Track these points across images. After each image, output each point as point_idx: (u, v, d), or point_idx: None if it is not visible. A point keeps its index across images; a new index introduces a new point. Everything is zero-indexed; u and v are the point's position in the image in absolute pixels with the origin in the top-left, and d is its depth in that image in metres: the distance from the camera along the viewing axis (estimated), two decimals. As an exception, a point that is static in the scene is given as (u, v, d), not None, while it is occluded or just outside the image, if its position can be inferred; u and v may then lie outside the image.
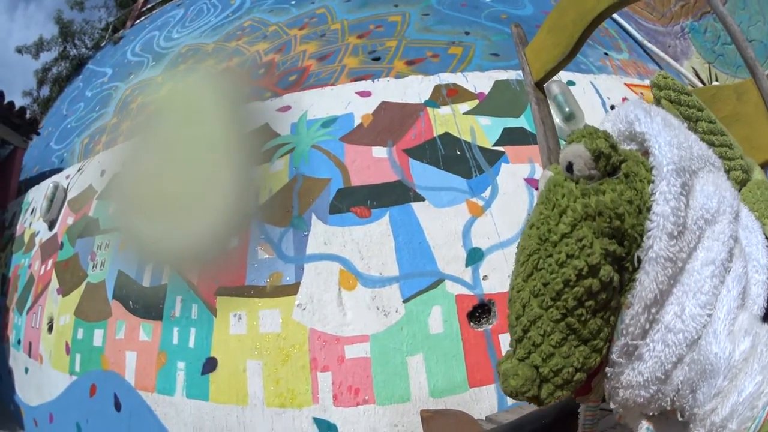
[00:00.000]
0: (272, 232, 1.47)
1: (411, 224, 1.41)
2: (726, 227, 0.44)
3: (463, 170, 1.51)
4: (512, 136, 1.62)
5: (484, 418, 1.40)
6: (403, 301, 1.35)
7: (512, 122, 1.66)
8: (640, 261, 0.41)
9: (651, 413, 0.46)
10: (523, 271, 0.45)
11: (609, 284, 0.41)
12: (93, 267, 2.18)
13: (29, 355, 2.84)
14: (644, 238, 0.41)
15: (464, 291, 1.37)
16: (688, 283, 0.42)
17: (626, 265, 0.43)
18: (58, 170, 3.17)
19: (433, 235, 1.40)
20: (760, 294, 0.44)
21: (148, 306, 1.78)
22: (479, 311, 1.38)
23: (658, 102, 0.66)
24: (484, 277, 1.38)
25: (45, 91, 4.81)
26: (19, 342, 3.02)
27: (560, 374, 0.43)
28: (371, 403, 1.33)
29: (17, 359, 3.03)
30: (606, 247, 0.40)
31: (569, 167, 0.43)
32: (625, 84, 2.24)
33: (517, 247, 0.53)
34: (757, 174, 0.67)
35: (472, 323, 1.37)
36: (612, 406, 0.49)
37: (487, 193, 1.48)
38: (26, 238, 3.36)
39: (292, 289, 1.40)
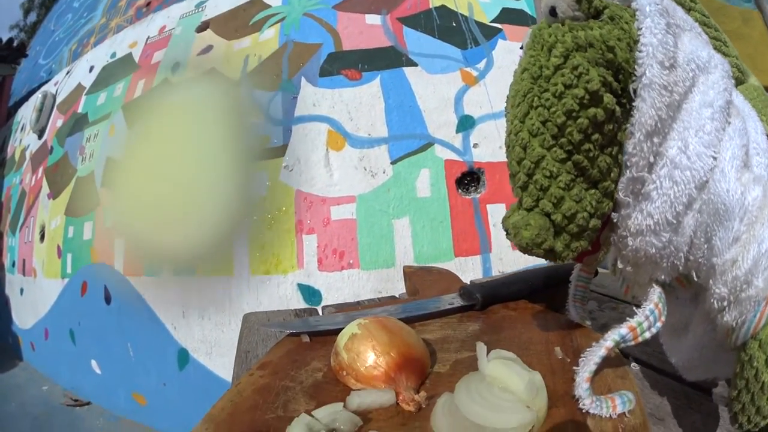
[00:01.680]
0: (261, 97, 1.43)
1: (402, 88, 1.38)
2: (720, 80, 0.41)
3: (459, 41, 1.46)
4: (511, 16, 1.57)
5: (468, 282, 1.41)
6: (391, 163, 1.33)
7: (511, 4, 1.60)
8: (635, 92, 0.38)
9: (662, 277, 0.42)
10: (519, 112, 0.41)
11: (613, 115, 0.37)
12: (82, 161, 2.15)
13: (23, 273, 2.83)
14: (635, 67, 0.38)
15: (454, 156, 1.35)
16: (688, 120, 0.39)
17: (623, 101, 0.40)
18: (47, 82, 3.09)
19: (424, 100, 1.37)
20: (763, 176, 0.41)
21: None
22: (468, 179, 1.36)
23: None
24: (475, 145, 1.36)
25: (32, 17, 4.66)
26: (13, 264, 3.01)
27: (575, 220, 0.39)
28: (355, 268, 1.33)
29: (13, 283, 3.03)
30: (603, 76, 0.37)
31: (552, 11, 0.40)
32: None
33: (508, 98, 0.50)
34: (753, 80, 0.63)
35: (460, 190, 1.35)
36: (620, 265, 0.46)
37: (482, 65, 1.44)
38: (17, 156, 3.30)
39: (280, 151, 1.38)
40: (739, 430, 0.39)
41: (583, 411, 0.39)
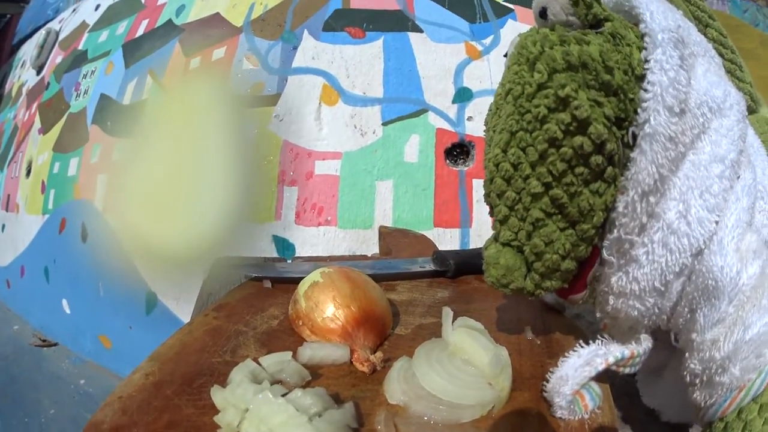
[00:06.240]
0: (260, 45, 1.41)
1: (404, 51, 1.36)
2: (735, 125, 0.36)
3: (468, 15, 1.45)
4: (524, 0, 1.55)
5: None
6: (382, 124, 1.32)
7: (526, -13, 1.58)
8: (635, 138, 0.34)
9: (642, 331, 0.40)
10: (500, 140, 0.38)
11: (602, 147, 0.33)
12: (76, 97, 2.12)
13: (6, 209, 2.78)
14: (639, 111, 0.33)
15: (446, 126, 1.33)
16: (695, 178, 0.34)
17: (621, 134, 0.34)
18: (52, 20, 3.04)
19: (424, 67, 1.35)
20: (765, 225, 0.37)
21: (125, 124, 1.74)
22: (458, 150, 1.35)
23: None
24: (469, 118, 1.34)
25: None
26: (-3, 201, 2.95)
27: (542, 259, 0.36)
28: (332, 225, 1.31)
29: (-6, 221, 2.97)
30: (595, 99, 0.32)
31: (543, 12, 0.37)
32: None
33: (488, 119, 0.46)
34: (765, 111, 0.59)
35: (448, 160, 1.34)
36: (598, 315, 0.43)
37: (488, 41, 1.42)
38: (14, 91, 3.25)
39: (272, 100, 1.36)
40: None
41: (555, 416, 0.36)
